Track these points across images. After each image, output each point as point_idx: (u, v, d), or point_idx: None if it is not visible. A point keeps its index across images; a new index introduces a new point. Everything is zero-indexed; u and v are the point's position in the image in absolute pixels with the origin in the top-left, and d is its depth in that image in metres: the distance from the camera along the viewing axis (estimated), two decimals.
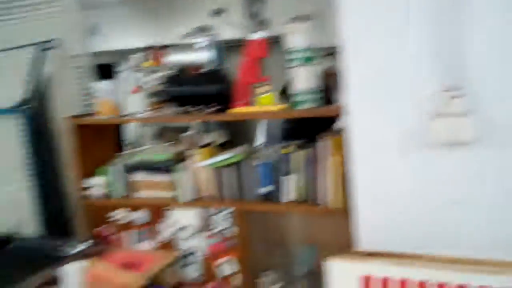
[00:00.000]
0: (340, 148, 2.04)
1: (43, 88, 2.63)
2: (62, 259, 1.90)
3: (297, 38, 2.13)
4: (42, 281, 1.74)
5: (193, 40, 2.28)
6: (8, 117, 2.54)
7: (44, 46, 2.71)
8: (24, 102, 2.54)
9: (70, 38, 2.81)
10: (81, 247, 2.05)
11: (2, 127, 2.57)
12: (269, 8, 2.30)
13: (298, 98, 2.15)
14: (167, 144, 2.55)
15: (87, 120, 2.45)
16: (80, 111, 2.69)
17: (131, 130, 3.46)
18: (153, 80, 2.40)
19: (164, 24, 6.05)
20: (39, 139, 2.54)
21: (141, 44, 6.17)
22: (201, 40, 2.25)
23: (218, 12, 2.29)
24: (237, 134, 3.96)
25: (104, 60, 3.01)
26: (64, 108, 2.70)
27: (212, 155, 2.37)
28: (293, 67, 2.16)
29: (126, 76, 2.57)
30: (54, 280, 1.76)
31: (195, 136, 5.26)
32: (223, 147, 2.45)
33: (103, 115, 2.37)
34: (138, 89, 2.43)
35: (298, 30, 2.13)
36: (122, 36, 6.06)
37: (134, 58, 6.13)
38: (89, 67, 2.89)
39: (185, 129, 5.43)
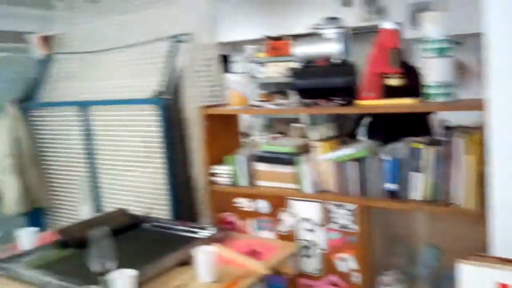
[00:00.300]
0: (477, 145, 1.89)
1: (176, 79, 2.79)
2: (193, 242, 2.01)
3: (432, 28, 2.02)
4: (177, 260, 1.85)
5: (321, 31, 2.25)
6: (147, 106, 2.74)
7: (178, 39, 2.86)
8: (160, 92, 2.72)
9: (201, 31, 2.94)
10: (209, 231, 2.15)
11: (142, 116, 2.77)
12: None
13: (432, 91, 2.04)
14: (289, 137, 2.56)
15: (218, 110, 2.56)
16: (210, 101, 2.81)
17: (242, 120, 3.54)
18: (273, 72, 2.42)
19: (280, 15, 6.11)
20: (172, 128, 2.70)
21: (255, 35, 6.33)
22: (330, 31, 2.22)
23: (346, 3, 2.25)
24: (342, 127, 3.87)
25: (221, 52, 3.10)
26: (195, 98, 2.84)
27: (334, 148, 2.35)
28: (427, 58, 2.05)
29: (241, 67, 2.62)
30: (187, 261, 1.86)
31: (305, 128, 5.27)
32: (338, 140, 2.42)
33: (233, 105, 2.45)
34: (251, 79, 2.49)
35: (433, 19, 2.01)
36: (238, 27, 6.24)
37: (249, 49, 6.31)
38: (216, 58, 3.01)
39: (294, 121, 5.47)
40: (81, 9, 3.36)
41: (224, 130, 2.70)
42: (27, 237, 2.07)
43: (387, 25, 2.13)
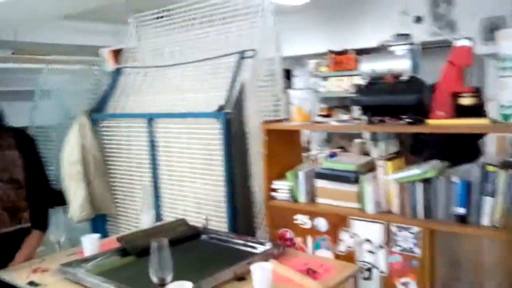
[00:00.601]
0: None
1: (239, 94, 2.80)
2: (250, 257, 1.98)
3: (509, 45, 1.91)
4: (234, 275, 1.83)
5: (391, 47, 2.19)
6: (210, 120, 2.78)
7: (243, 55, 2.89)
8: (223, 106, 2.75)
9: (264, 45, 2.95)
10: (266, 247, 2.12)
11: (205, 129, 2.82)
12: (457, 10, 2.07)
13: (508, 112, 1.92)
14: (355, 154, 2.50)
15: (280, 126, 2.54)
16: (272, 116, 2.81)
17: (302, 135, 3.49)
18: (335, 86, 2.38)
19: (343, 29, 6.03)
20: (233, 141, 2.72)
21: (318, 49, 6.25)
22: (400, 47, 2.15)
23: (418, 20, 2.17)
24: (403, 144, 3.72)
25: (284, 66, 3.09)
26: (257, 113, 2.85)
27: (400, 168, 2.27)
28: (503, 76, 1.94)
29: (303, 81, 2.60)
30: (244, 275, 1.84)
31: (366, 144, 5.14)
32: (402, 158, 2.32)
33: (295, 120, 2.43)
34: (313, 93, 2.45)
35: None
36: (300, 41, 6.23)
37: (312, 63, 6.25)
38: (279, 73, 3.01)
39: (355, 136, 5.35)
40: (152, 25, 3.49)
41: (285, 146, 2.68)
42: (90, 243, 2.13)
43: (460, 42, 2.04)
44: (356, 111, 5.97)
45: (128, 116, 3.25)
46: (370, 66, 2.26)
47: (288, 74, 3.09)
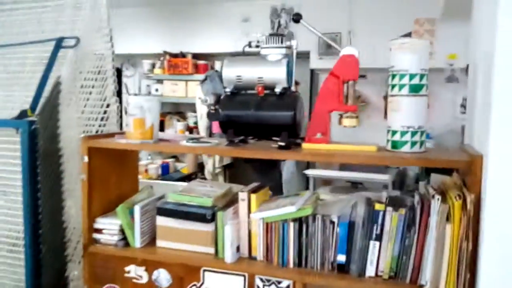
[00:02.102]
0: (459, 212, 1.45)
1: (53, 96, 2.06)
2: None
3: (408, 58, 1.58)
4: None
5: (263, 51, 1.71)
6: (9, 130, 1.98)
7: (61, 43, 2.16)
8: (27, 112, 1.98)
9: (91, 37, 2.27)
10: None
11: (2, 144, 2.00)
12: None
13: (399, 138, 1.59)
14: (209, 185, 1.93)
15: (110, 144, 1.85)
16: (99, 127, 2.14)
17: None
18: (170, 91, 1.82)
19: (181, 31, 5.56)
20: (42, 161, 1.96)
21: (152, 50, 5.67)
22: (275, 51, 1.69)
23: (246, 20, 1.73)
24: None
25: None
26: (76, 123, 2.14)
27: (264, 200, 1.80)
28: (395, 96, 1.60)
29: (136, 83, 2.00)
30: None
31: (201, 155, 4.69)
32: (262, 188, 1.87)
33: (133, 137, 1.78)
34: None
35: (412, 48, 1.57)
36: (133, 38, 5.57)
37: (145, 64, 5.63)
38: (111, 72, 2.34)
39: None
40: None
41: (115, 169, 2.01)
42: None
43: (347, 50, 1.65)
44: (192, 118, 5.54)
45: None
46: (234, 72, 1.74)
47: (119, 74, 2.46)
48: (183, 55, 5.46)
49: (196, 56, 5.46)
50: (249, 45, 1.79)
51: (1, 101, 2.21)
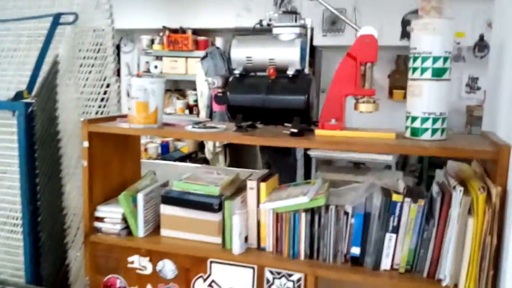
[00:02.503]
0: (483, 205, 1.37)
1: (51, 76, 1.95)
2: None
3: (430, 40, 1.47)
4: None
5: (275, 28, 1.60)
6: (4, 113, 1.87)
7: (58, 20, 2.04)
8: (23, 94, 1.87)
9: (89, 11, 2.16)
10: None
11: None
12: None
13: (420, 125, 1.50)
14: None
15: (111, 129, 1.75)
16: (99, 109, 2.05)
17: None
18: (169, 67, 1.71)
19: (180, 5, 5.38)
20: (40, 145, 1.86)
21: (151, 25, 5.51)
22: (288, 30, 1.58)
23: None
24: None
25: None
26: (77, 105, 2.04)
27: (273, 188, 1.72)
28: (417, 80, 1.51)
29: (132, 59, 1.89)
30: None
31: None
32: (271, 175, 1.78)
33: (135, 122, 1.68)
34: (141, 74, 1.78)
35: (435, 28, 1.46)
36: (131, 12, 5.40)
37: (144, 40, 5.48)
38: (111, 50, 2.24)
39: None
40: None
41: (117, 155, 1.91)
42: None
43: (365, 30, 1.54)
44: (192, 96, 5.42)
45: None
46: (244, 52, 1.64)
47: (117, 51, 2.36)
48: (183, 30, 5.31)
49: (196, 32, 5.31)
50: (260, 23, 1.68)
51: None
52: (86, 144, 1.75)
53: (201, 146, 5.14)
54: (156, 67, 5.42)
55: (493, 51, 1.76)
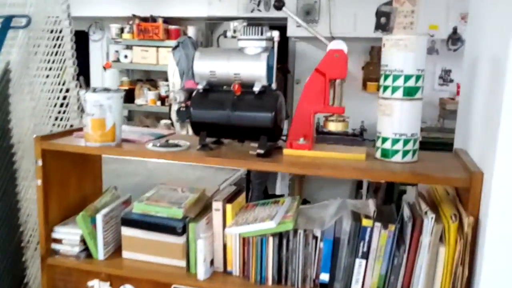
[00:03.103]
0: (458, 234, 1.32)
1: (2, 85, 1.82)
2: None
3: (399, 56, 1.41)
4: None
5: (241, 43, 1.51)
6: None
7: (9, 23, 1.90)
8: None
9: (45, 5, 2.03)
10: None
11: None
12: None
13: (390, 146, 1.44)
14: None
15: (67, 147, 1.64)
16: (57, 119, 1.93)
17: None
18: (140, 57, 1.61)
19: None
20: None
21: (120, 13, 5.33)
22: (254, 43, 1.48)
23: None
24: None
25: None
26: (33, 115, 1.92)
27: (241, 209, 1.65)
28: (387, 99, 1.44)
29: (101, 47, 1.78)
30: None
31: (173, 127, 4.45)
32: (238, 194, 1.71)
33: (91, 140, 1.57)
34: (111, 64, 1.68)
35: (403, 45, 1.39)
36: (101, 0, 5.21)
37: (113, 28, 5.31)
38: (70, 51, 2.11)
39: (162, 116, 4.67)
40: None
41: (75, 171, 1.80)
42: None
43: (335, 44, 1.46)
44: (164, 87, 5.26)
45: None
46: (208, 66, 1.54)
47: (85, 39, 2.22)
48: (153, 19, 5.14)
49: (167, 20, 5.14)
50: (225, 35, 1.58)
51: None
52: (39, 162, 1.63)
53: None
54: (126, 56, 5.24)
55: (466, 61, 1.70)
